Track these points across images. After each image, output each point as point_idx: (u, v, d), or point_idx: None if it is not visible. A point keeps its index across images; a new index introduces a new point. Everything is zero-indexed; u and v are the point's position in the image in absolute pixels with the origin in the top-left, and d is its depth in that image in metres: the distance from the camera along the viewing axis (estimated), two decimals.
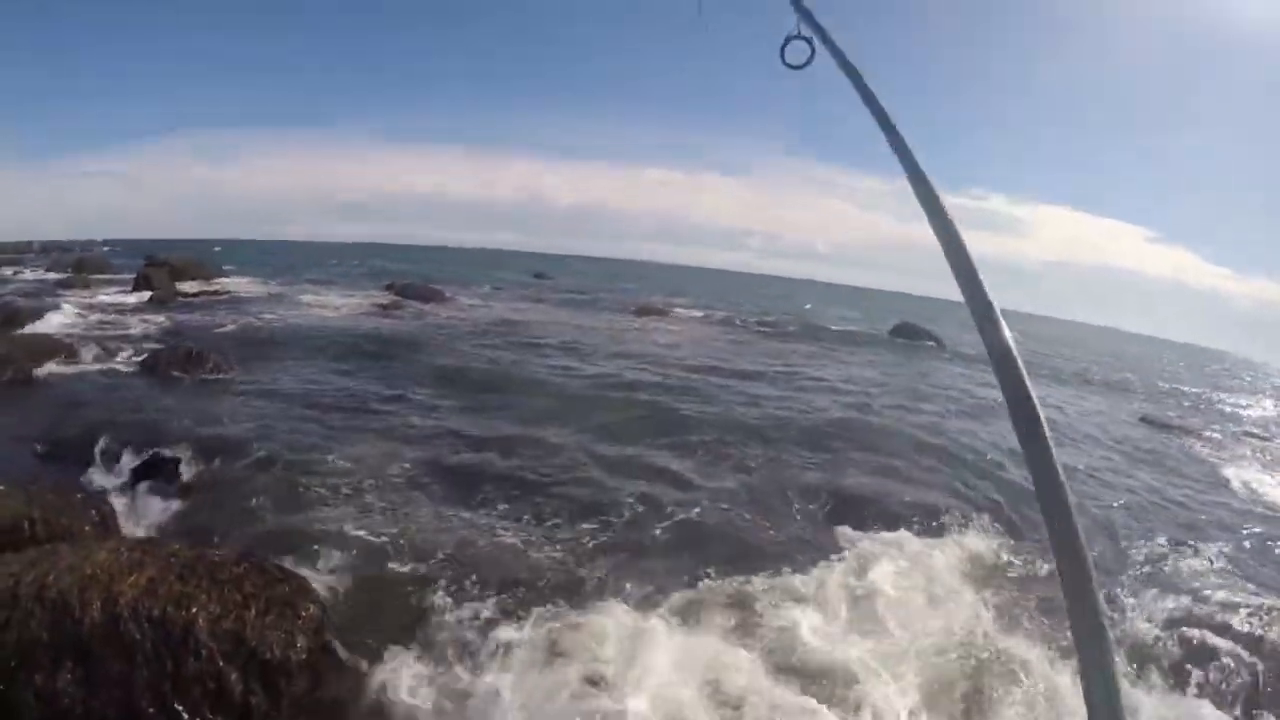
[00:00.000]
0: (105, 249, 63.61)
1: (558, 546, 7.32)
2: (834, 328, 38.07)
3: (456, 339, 20.54)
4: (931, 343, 33.39)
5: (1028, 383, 1.06)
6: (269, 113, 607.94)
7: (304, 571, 5.93)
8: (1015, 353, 1.10)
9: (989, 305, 1.18)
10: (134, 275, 30.15)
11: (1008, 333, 1.14)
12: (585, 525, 7.89)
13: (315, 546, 6.66)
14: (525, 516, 8.06)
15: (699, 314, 38.02)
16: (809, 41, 2.45)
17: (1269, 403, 31.89)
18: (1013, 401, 1.05)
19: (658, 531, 7.86)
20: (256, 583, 5.18)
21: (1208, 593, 7.47)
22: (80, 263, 37.18)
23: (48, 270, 34.91)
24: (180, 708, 4.48)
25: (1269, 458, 17.25)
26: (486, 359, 17.39)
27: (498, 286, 44.88)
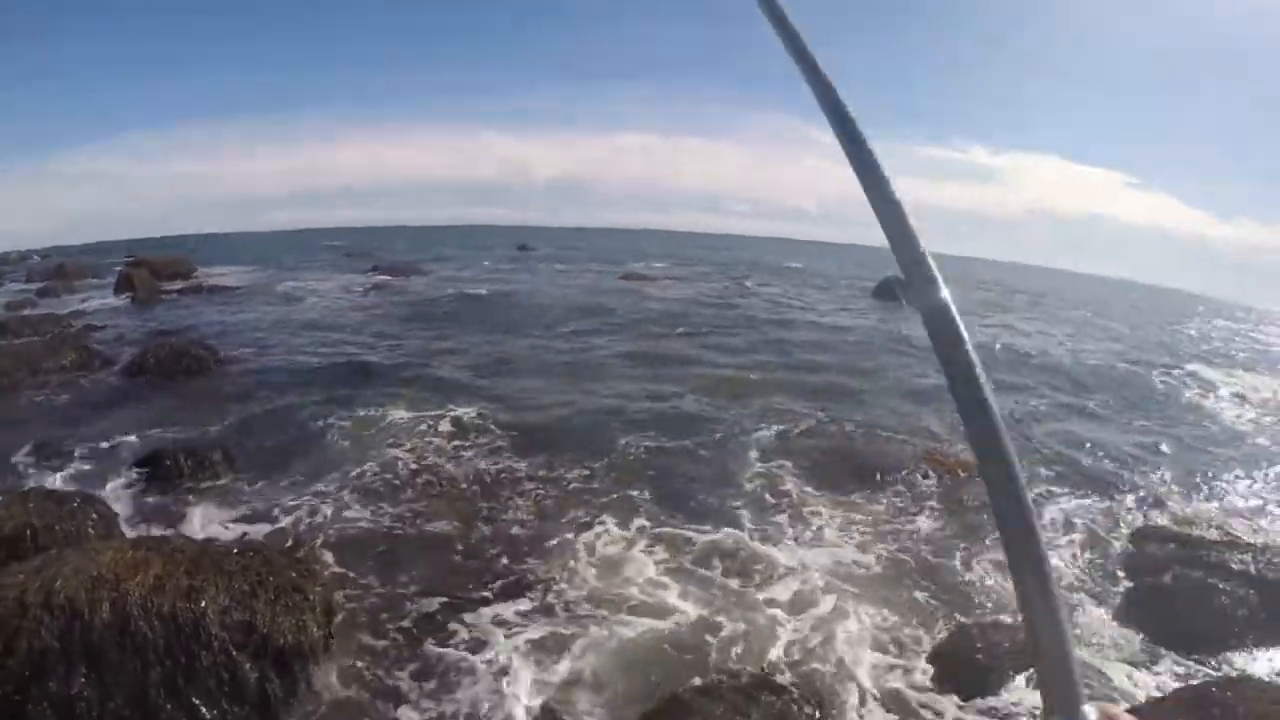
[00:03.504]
0: (83, 255, 62.78)
1: (568, 516, 7.41)
2: (815, 283, 38.19)
3: (441, 315, 20.48)
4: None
5: (967, 342, 0.99)
6: (239, 104, 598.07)
7: (309, 556, 5.94)
8: (953, 311, 1.02)
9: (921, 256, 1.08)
10: (115, 277, 29.83)
11: (945, 291, 1.05)
12: (580, 482, 8.01)
13: (318, 531, 6.68)
14: (529, 481, 8.19)
15: (681, 277, 37.82)
16: None
17: None
18: (949, 362, 0.98)
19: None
20: (263, 571, 5.18)
21: None
22: (60, 269, 36.68)
23: (27, 280, 34.48)
24: (197, 701, 4.49)
25: None
26: (474, 334, 17.35)
27: (481, 261, 44.58)
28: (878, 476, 8.76)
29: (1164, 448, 11.41)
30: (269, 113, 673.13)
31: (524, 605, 5.77)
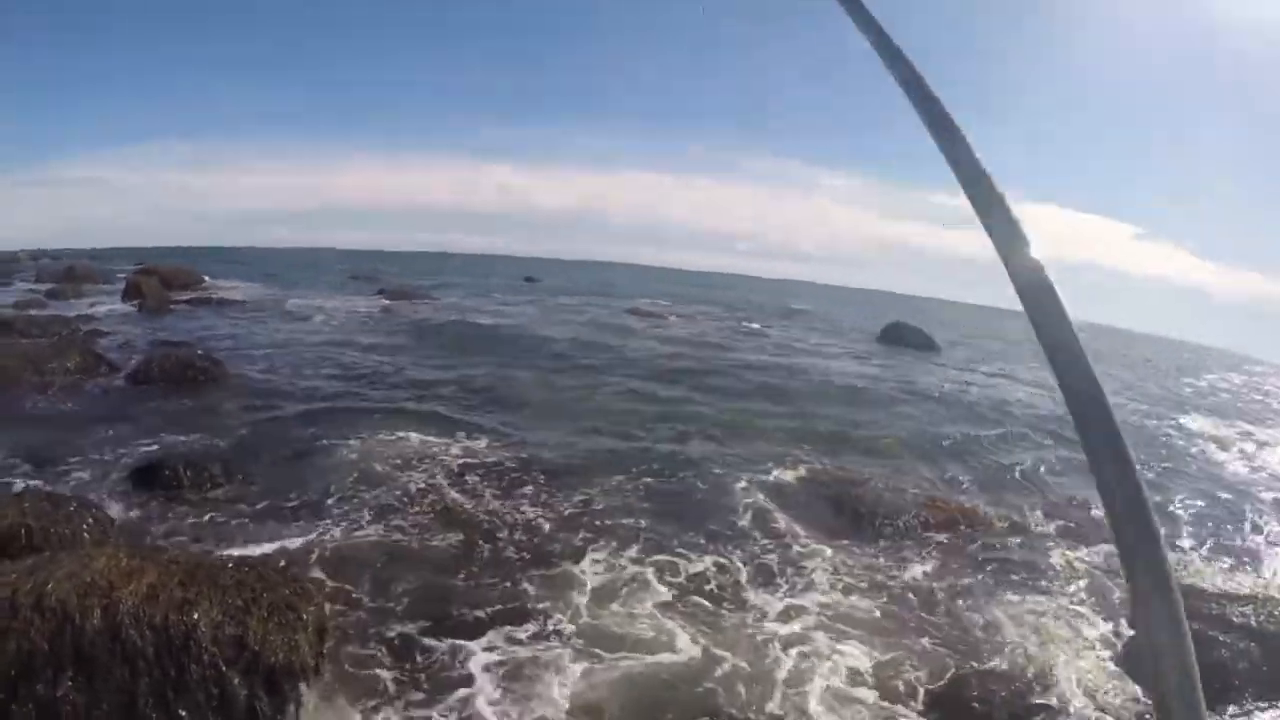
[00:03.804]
0: (92, 260, 63.07)
1: (563, 541, 7.42)
2: (816, 326, 38.41)
3: (448, 343, 20.54)
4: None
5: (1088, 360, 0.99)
6: (256, 120, 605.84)
7: (304, 574, 5.90)
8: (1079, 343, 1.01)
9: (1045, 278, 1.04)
10: (124, 283, 29.99)
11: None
12: (573, 508, 8.03)
13: (316, 550, 6.65)
14: (530, 509, 8.24)
15: (685, 315, 37.92)
16: None
17: None
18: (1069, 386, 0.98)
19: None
20: (257, 587, 5.14)
21: None
22: (70, 272, 36.86)
23: (36, 280, 34.64)
24: (184, 714, 4.44)
25: None
26: (480, 363, 17.38)
27: (487, 291, 44.78)
28: (876, 521, 8.72)
29: (1167, 498, 11.39)
30: (278, 131, 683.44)
31: (519, 634, 5.72)
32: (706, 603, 6.60)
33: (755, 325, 35.50)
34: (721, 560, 7.47)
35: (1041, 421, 16.16)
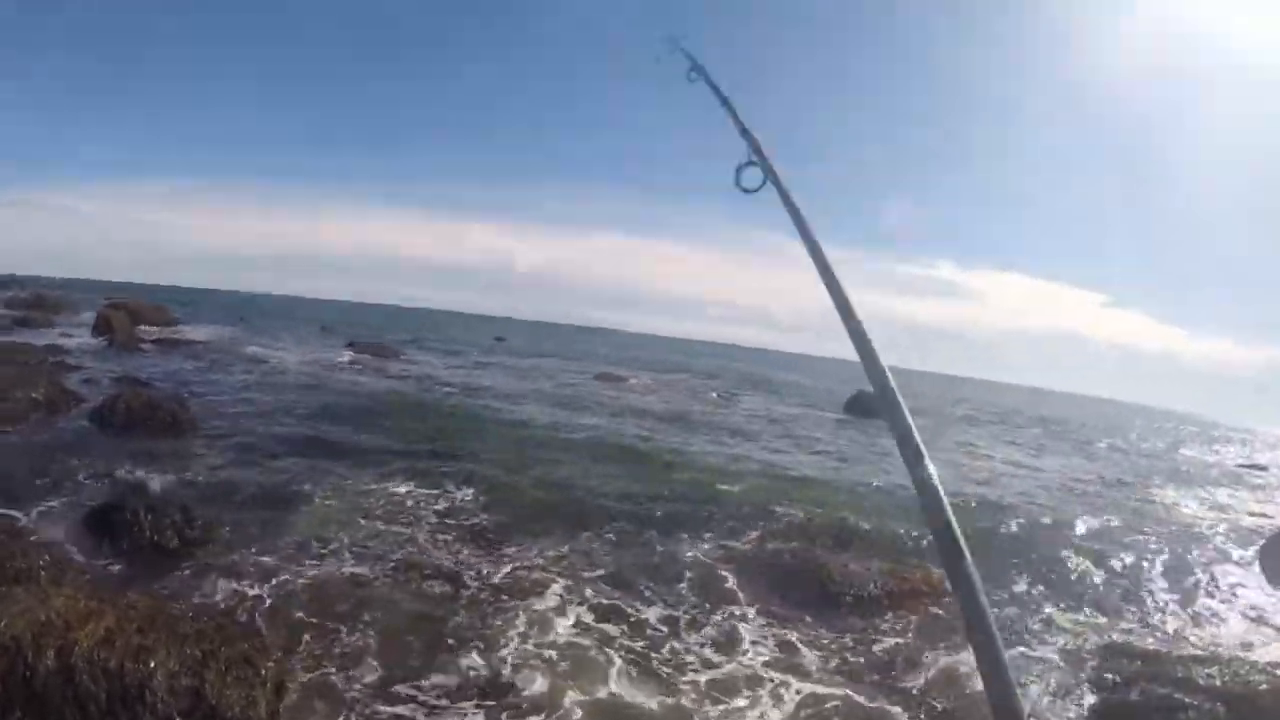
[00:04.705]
0: (62, 289, 62.37)
1: (530, 605, 7.45)
2: (783, 394, 39.00)
3: (414, 400, 20.49)
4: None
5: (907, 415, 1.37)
6: (241, 164, 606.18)
7: (264, 627, 5.88)
8: (900, 399, 1.42)
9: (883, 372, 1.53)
10: (94, 315, 29.76)
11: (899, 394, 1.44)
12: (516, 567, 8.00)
13: (277, 602, 6.61)
14: (492, 571, 8.26)
15: (655, 380, 38.19)
16: (760, 167, 2.57)
17: None
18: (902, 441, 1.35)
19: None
20: (216, 639, 5.13)
21: None
22: (40, 300, 36.51)
23: (5, 306, 34.26)
24: None
25: None
26: (443, 419, 17.42)
27: (457, 349, 44.78)
28: (832, 587, 8.74)
29: (1136, 563, 11.69)
30: (263, 176, 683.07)
31: (480, 696, 5.72)
32: (660, 665, 6.67)
33: (723, 393, 35.90)
34: (674, 623, 7.62)
35: (1005, 485, 16.49)
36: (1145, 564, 11.82)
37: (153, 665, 4.74)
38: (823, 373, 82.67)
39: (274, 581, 7.13)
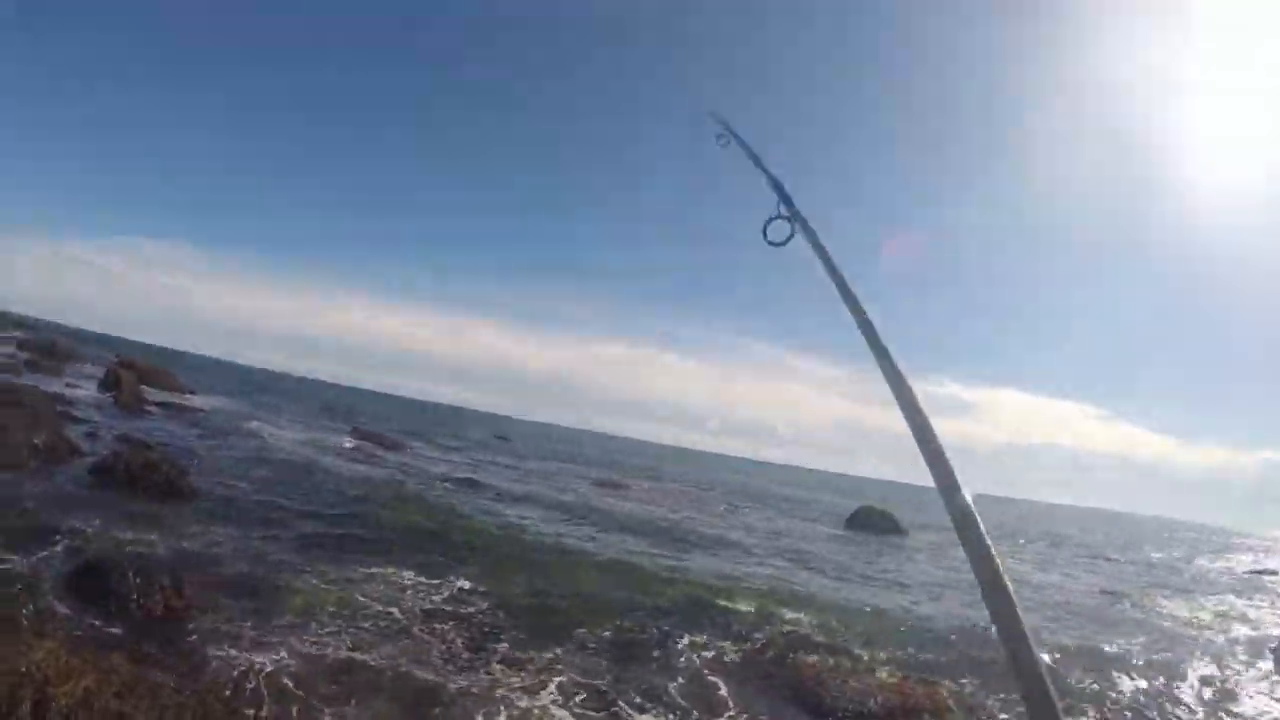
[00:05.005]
0: (73, 339, 63.05)
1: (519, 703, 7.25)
2: (785, 509, 38.66)
3: (412, 492, 20.30)
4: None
5: (986, 538, 1.37)
6: (266, 239, 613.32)
7: (244, 706, 5.69)
8: (974, 512, 1.40)
9: (950, 472, 1.49)
10: (104, 369, 29.94)
11: (968, 496, 1.43)
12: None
13: (259, 680, 6.41)
14: (484, 668, 8.11)
15: (654, 489, 37.65)
16: (789, 221, 2.62)
17: None
18: (974, 557, 1.34)
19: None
20: (196, 712, 4.99)
21: None
22: (52, 347, 36.84)
23: (18, 347, 34.54)
24: None
25: None
26: (442, 514, 17.19)
27: (460, 446, 44.61)
28: (829, 701, 8.47)
29: (1160, 674, 11.68)
30: (285, 255, 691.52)
31: None
32: None
33: (722, 503, 35.53)
34: None
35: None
36: (1172, 675, 11.78)
37: None
38: (818, 485, 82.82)
39: (260, 659, 6.91)
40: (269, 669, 6.72)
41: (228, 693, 5.86)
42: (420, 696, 7.09)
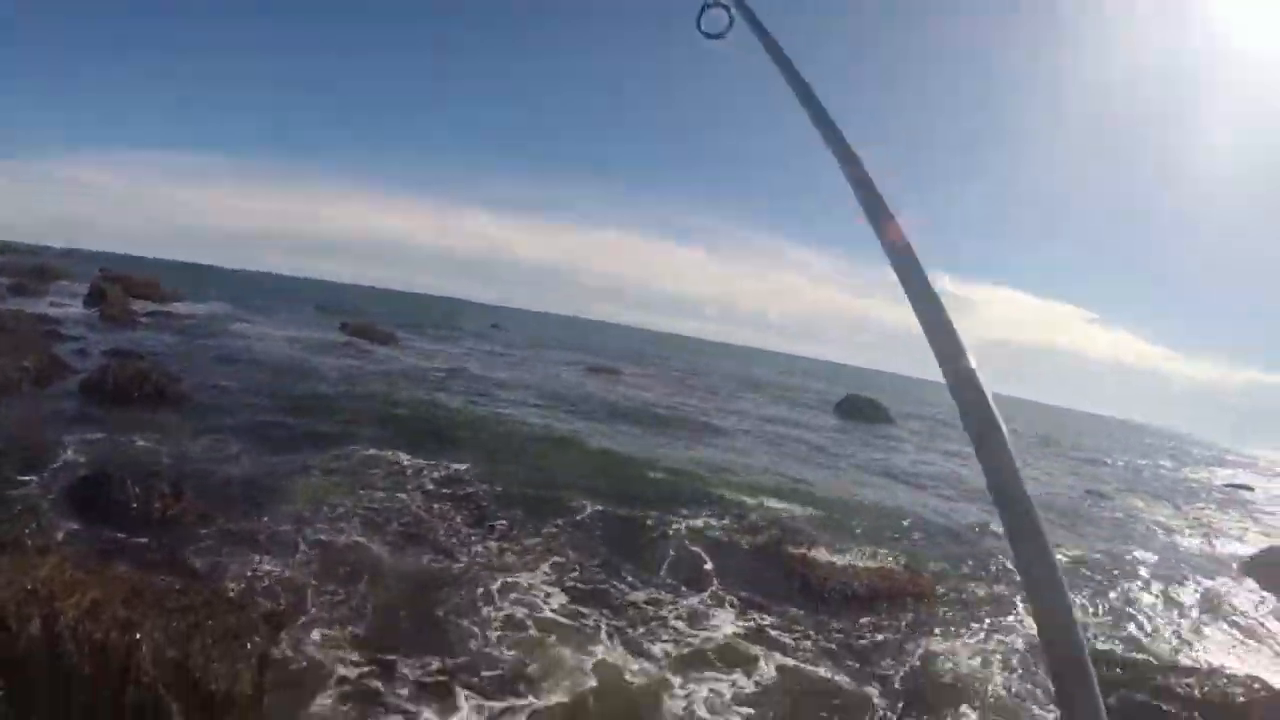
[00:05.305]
0: (62, 259, 62.16)
1: (521, 581, 7.51)
2: (778, 394, 39.25)
3: (404, 383, 20.40)
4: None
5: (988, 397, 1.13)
6: (257, 143, 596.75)
7: (251, 601, 5.86)
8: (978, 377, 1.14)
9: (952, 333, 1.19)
10: (88, 286, 29.63)
11: (972, 361, 1.17)
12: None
13: (263, 577, 6.60)
14: (485, 546, 8.43)
15: (648, 375, 38.21)
16: (726, 9, 2.18)
17: None
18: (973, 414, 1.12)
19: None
20: (203, 612, 5.10)
21: None
22: (40, 270, 36.39)
23: (1, 273, 34.07)
24: None
25: None
26: (435, 403, 17.39)
27: (454, 336, 44.63)
28: (814, 578, 8.91)
29: (1113, 575, 11.85)
30: (262, 155, 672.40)
31: (465, 672, 5.75)
32: (647, 646, 6.85)
33: (716, 392, 35.91)
34: (658, 604, 7.83)
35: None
36: (1136, 578, 11.98)
37: (138, 637, 4.72)
38: (806, 372, 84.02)
39: (266, 554, 7.13)
40: (277, 562, 6.92)
41: (233, 589, 6.04)
42: (426, 576, 7.35)
